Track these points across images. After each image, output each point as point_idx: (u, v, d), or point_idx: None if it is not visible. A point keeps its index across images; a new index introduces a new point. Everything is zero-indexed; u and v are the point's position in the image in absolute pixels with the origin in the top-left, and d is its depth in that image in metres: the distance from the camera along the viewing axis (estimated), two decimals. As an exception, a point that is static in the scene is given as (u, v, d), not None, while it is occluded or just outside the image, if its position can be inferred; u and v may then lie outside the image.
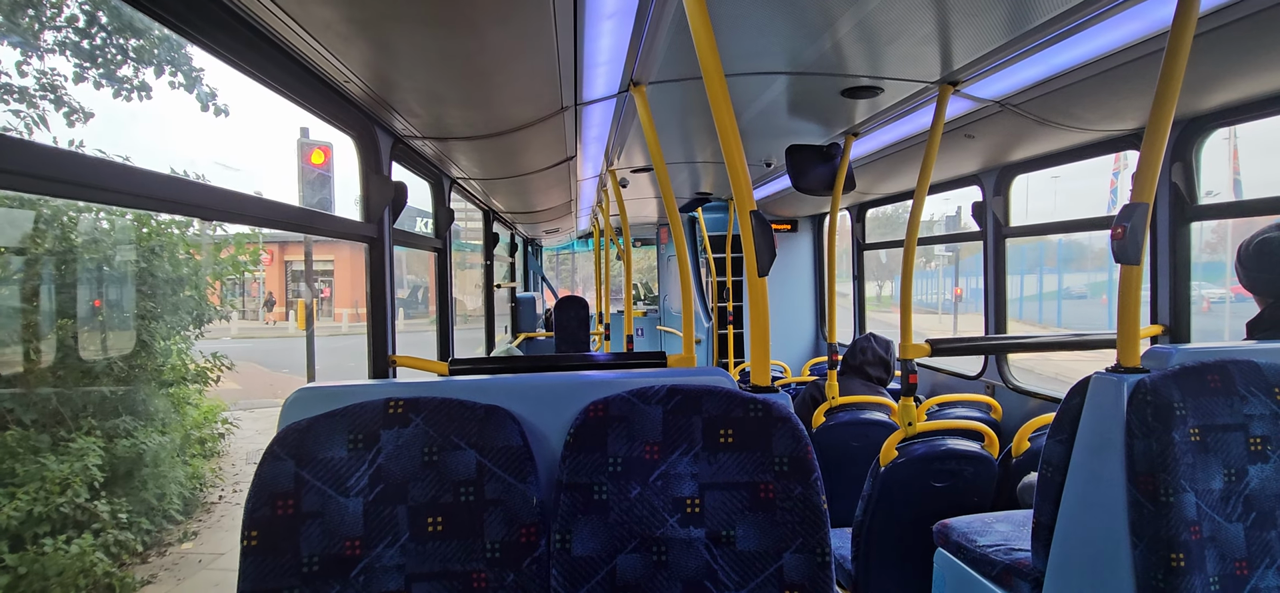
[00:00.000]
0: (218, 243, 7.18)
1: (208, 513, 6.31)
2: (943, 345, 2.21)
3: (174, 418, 6.13)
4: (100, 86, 5.98)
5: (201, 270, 6.50)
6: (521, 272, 7.56)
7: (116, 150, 5.67)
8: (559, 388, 1.24)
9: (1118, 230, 1.34)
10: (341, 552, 1.09)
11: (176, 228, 6.10)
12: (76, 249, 5.17)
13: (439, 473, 1.12)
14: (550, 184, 3.41)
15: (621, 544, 1.13)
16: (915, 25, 1.60)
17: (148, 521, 5.38)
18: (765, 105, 2.32)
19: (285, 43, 1.34)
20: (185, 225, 6.21)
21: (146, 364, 5.75)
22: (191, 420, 6.55)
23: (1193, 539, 1.22)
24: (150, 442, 5.44)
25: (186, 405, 6.52)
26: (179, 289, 6.12)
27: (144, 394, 5.69)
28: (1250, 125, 2.07)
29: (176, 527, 5.74)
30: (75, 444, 4.84)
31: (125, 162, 1.02)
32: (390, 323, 2.03)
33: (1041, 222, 3.44)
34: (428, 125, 2.02)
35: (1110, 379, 1.34)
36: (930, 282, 21.65)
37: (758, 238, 1.28)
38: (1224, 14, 1.42)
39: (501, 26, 1.30)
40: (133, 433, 5.38)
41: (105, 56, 5.94)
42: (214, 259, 6.97)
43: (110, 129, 22.97)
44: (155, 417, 5.78)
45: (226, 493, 6.81)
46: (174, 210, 1.18)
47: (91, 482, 4.82)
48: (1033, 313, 16.58)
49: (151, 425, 5.64)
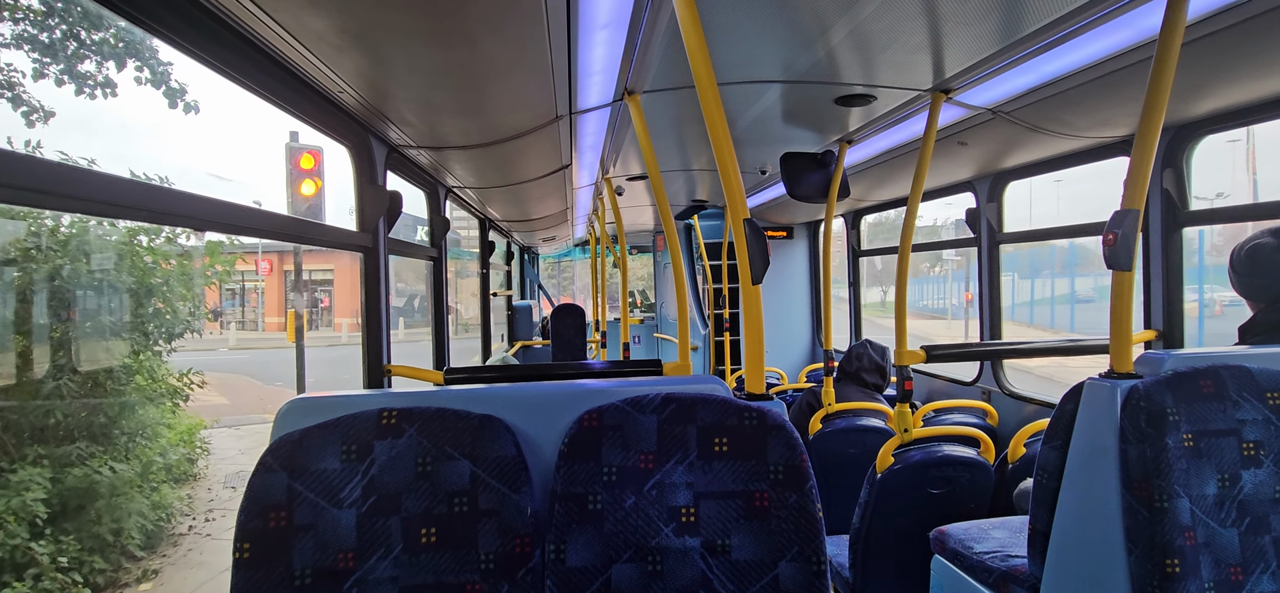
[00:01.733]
0: (189, 251, 6.64)
1: (174, 547, 5.73)
2: (938, 352, 2.21)
3: (141, 442, 5.64)
4: (62, 84, 5.68)
5: (172, 281, 6.10)
6: (518, 280, 7.55)
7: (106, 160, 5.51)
8: (553, 397, 1.23)
9: (1109, 237, 1.35)
10: (334, 564, 1.08)
11: (145, 235, 5.73)
12: (23, 255, 4.69)
13: (433, 484, 1.12)
14: (546, 192, 3.41)
15: (616, 555, 1.12)
16: (907, 34, 1.61)
17: (101, 559, 4.82)
18: (760, 113, 2.33)
19: (279, 53, 1.34)
20: (154, 232, 5.83)
21: (107, 384, 5.33)
22: (165, 442, 6.07)
23: (1187, 545, 1.22)
24: (106, 471, 4.92)
25: (159, 427, 6.03)
26: (145, 301, 5.73)
27: (106, 417, 5.23)
28: (1267, 126, 2.06)
29: (136, 564, 5.15)
30: (16, 477, 4.36)
31: (116, 175, 1.01)
32: (385, 332, 2.03)
33: (1043, 227, 3.46)
34: (422, 135, 2.03)
35: (1103, 385, 1.35)
36: (941, 286, 21.60)
37: (751, 245, 1.28)
38: (1212, 21, 1.43)
39: (494, 36, 1.30)
40: (87, 461, 4.86)
41: (66, 51, 5.61)
42: (184, 269, 6.46)
43: (107, 140, 22.95)
44: (119, 441, 5.33)
45: (198, 523, 6.22)
46: (170, 222, 1.18)
47: (33, 518, 4.31)
48: (1043, 318, 16.58)
49: (114, 451, 5.19)
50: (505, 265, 6.61)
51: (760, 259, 1.28)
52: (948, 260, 20.67)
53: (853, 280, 4.68)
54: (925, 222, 9.05)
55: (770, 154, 3.00)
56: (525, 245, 7.50)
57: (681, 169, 3.47)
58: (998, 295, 3.19)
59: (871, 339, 3.17)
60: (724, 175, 1.28)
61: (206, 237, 6.66)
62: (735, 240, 1.30)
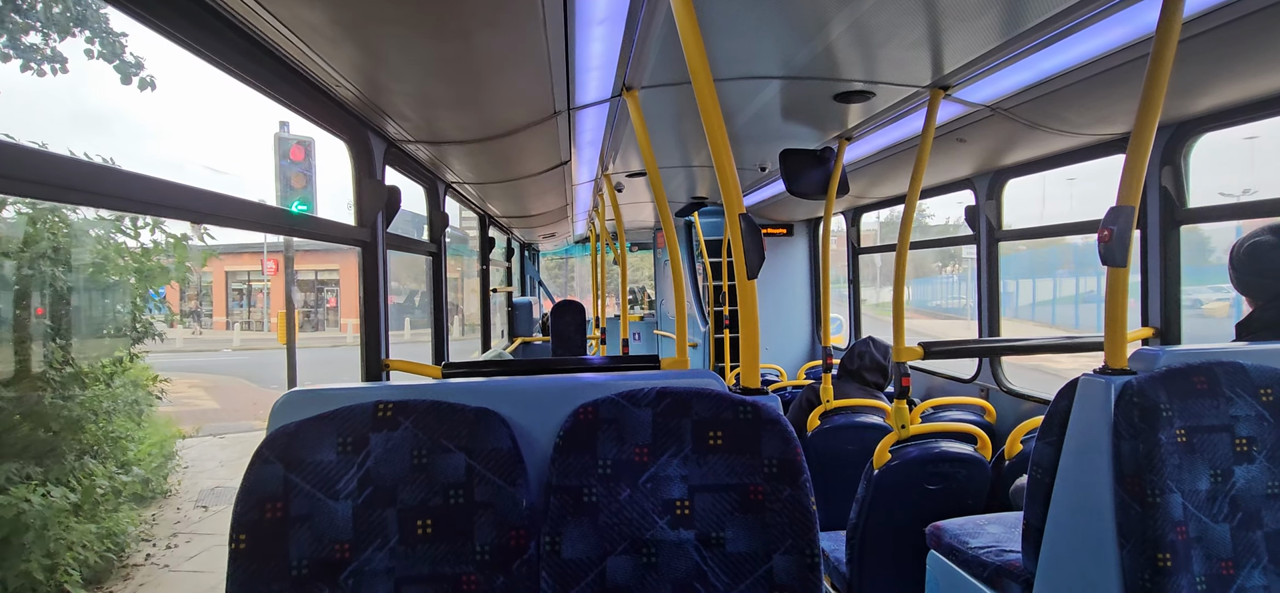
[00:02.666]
0: (149, 249, 5.89)
1: (126, 581, 4.96)
2: (935, 348, 2.21)
3: (91, 461, 4.93)
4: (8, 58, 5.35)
5: (129, 278, 5.53)
6: (518, 276, 7.56)
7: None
8: (550, 391, 1.24)
9: (1104, 233, 1.35)
10: (331, 555, 1.09)
11: (101, 227, 5.18)
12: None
13: (428, 476, 1.12)
14: (545, 188, 3.41)
15: (611, 547, 1.13)
16: (906, 29, 1.61)
17: (28, 602, 4.14)
18: (758, 110, 2.33)
19: (274, 45, 1.34)
20: (114, 223, 5.27)
21: (45, 395, 4.65)
22: (134, 455, 5.46)
23: (1179, 540, 1.23)
24: (37, 498, 4.17)
25: (123, 441, 5.35)
26: (96, 300, 5.11)
27: (48, 432, 4.53)
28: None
29: (72, 604, 4.43)
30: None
31: (114, 166, 1.01)
32: (383, 326, 2.03)
33: (1046, 224, 3.45)
34: (421, 129, 2.03)
35: (1097, 381, 1.35)
36: (960, 285, 21.40)
37: (747, 240, 1.28)
38: (1210, 18, 1.43)
39: (490, 29, 1.30)
40: (6, 489, 4.13)
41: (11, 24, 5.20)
42: (140, 266, 5.77)
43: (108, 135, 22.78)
44: (66, 458, 4.68)
45: (158, 551, 5.40)
46: (167, 214, 1.19)
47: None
48: (1065, 317, 16.50)
49: (60, 471, 4.54)
50: (505, 262, 6.62)
51: (755, 254, 1.29)
52: (967, 258, 20.47)
53: (852, 278, 4.68)
54: (938, 220, 9.02)
55: (769, 151, 3.00)
56: (525, 242, 7.50)
57: (681, 166, 3.47)
58: (996, 293, 3.19)
59: (874, 337, 3.16)
60: (720, 170, 1.29)
61: (172, 228, 5.95)
62: (731, 235, 1.30)
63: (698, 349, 5.43)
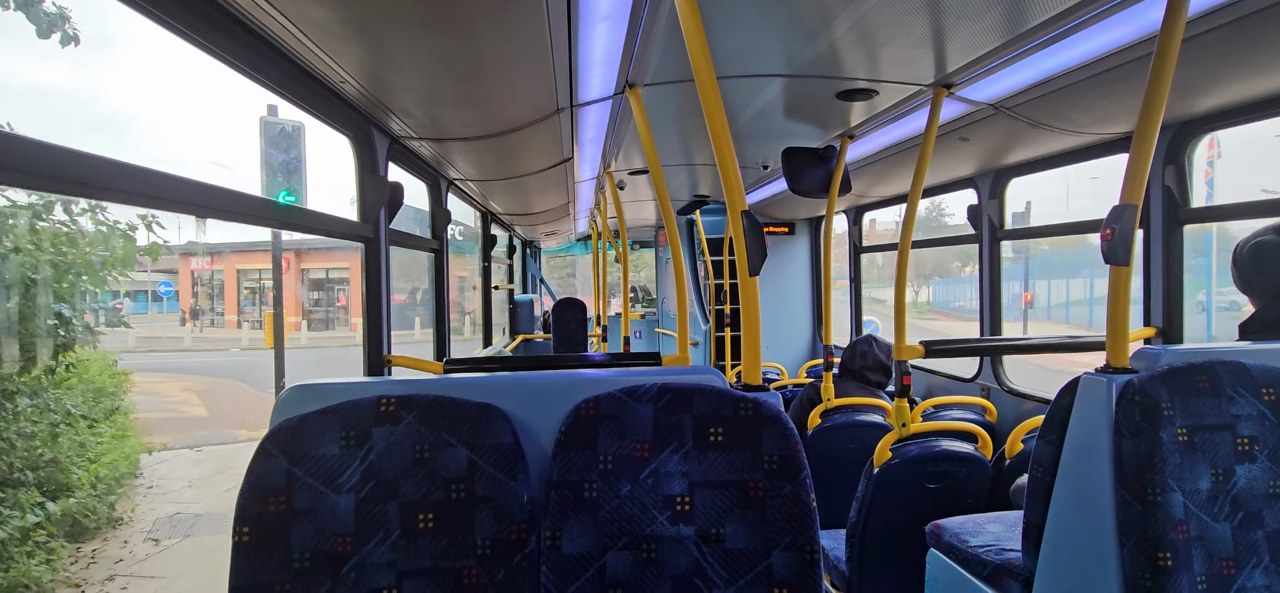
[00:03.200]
0: (92, 239, 5.08)
1: None
2: (936, 347, 2.22)
3: (10, 489, 4.16)
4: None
5: (63, 273, 4.72)
6: (520, 274, 7.57)
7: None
8: (551, 386, 1.24)
9: (1107, 232, 1.35)
10: (333, 549, 1.09)
11: (22, 213, 4.38)
12: None
13: (430, 471, 1.13)
14: (547, 186, 3.42)
15: (611, 542, 1.13)
16: (909, 28, 1.61)
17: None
18: (761, 108, 2.33)
19: (281, 43, 1.35)
20: (41, 210, 4.49)
21: None
22: (73, 481, 4.66)
23: (1180, 539, 1.23)
24: None
25: (66, 463, 4.59)
26: (14, 296, 4.23)
27: None
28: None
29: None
30: None
31: (112, 158, 1.00)
32: (385, 322, 2.04)
33: (1043, 224, 3.45)
34: (424, 126, 2.03)
35: (1099, 380, 1.35)
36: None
37: (749, 238, 1.28)
38: (1213, 17, 1.43)
39: (494, 27, 1.31)
40: None
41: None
42: (74, 259, 4.92)
43: (110, 130, 22.70)
44: None
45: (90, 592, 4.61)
46: (168, 207, 1.18)
47: None
48: (1099, 318, 16.36)
49: None
50: (507, 259, 6.63)
51: (757, 251, 1.29)
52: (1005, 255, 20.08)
53: (854, 277, 4.67)
54: (956, 219, 8.96)
55: (772, 149, 2.99)
56: (527, 239, 7.51)
57: (683, 164, 3.47)
58: (998, 292, 3.19)
59: (876, 336, 3.16)
60: (722, 168, 1.29)
61: (118, 214, 5.35)
62: (733, 232, 1.30)
63: (699, 347, 5.44)
